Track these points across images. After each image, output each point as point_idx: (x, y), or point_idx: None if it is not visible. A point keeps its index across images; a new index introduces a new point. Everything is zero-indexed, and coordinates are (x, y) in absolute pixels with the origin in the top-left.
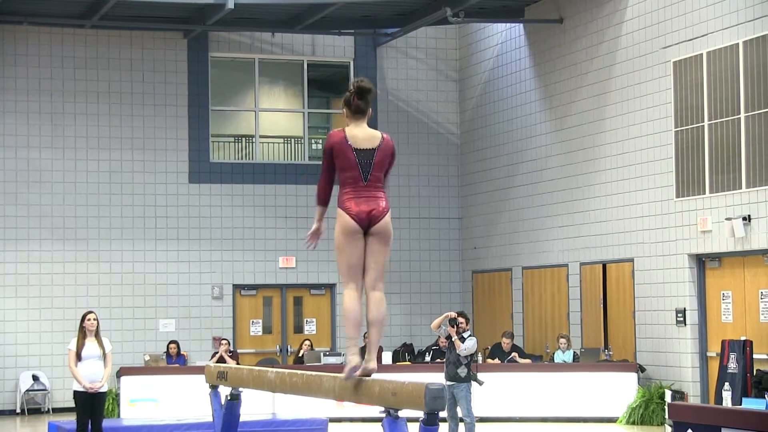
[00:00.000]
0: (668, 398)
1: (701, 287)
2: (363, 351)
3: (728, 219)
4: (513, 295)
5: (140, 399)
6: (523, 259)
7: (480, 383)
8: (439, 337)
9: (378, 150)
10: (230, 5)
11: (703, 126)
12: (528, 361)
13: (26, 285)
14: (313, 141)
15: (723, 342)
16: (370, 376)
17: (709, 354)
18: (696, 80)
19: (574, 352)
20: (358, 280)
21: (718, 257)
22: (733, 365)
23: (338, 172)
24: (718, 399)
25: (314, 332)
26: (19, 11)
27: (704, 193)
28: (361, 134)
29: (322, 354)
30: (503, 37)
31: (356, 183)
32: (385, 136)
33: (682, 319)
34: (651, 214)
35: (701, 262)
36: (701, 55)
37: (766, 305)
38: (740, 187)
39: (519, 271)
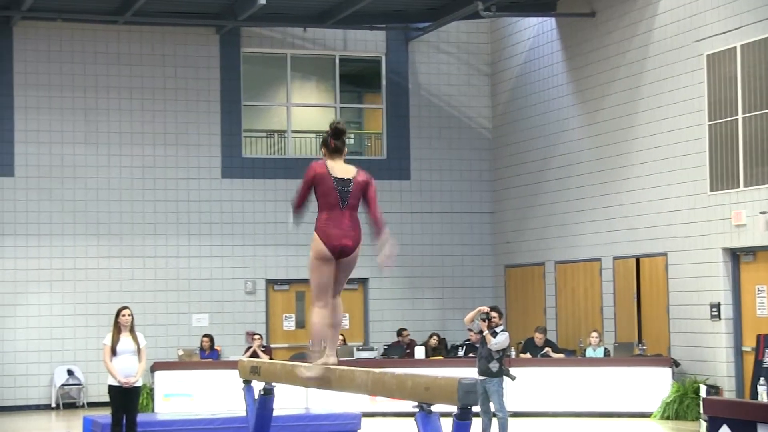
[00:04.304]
0: (703, 393)
1: (736, 281)
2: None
3: (762, 212)
4: (546, 290)
5: (174, 394)
6: (555, 253)
7: (512, 378)
8: (471, 331)
9: (354, 180)
10: (262, 1)
11: (737, 119)
12: (561, 355)
13: (61, 280)
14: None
15: (758, 336)
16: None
17: (744, 348)
18: (729, 73)
19: (605, 348)
20: (327, 297)
21: (752, 251)
22: None
23: (318, 198)
24: (754, 394)
25: (347, 327)
26: (54, 8)
27: (738, 187)
28: (339, 167)
29: (354, 348)
30: (535, 31)
31: (334, 209)
32: (359, 170)
33: (716, 313)
34: (684, 208)
35: (735, 256)
36: (735, 48)
37: None
38: None
39: (552, 266)
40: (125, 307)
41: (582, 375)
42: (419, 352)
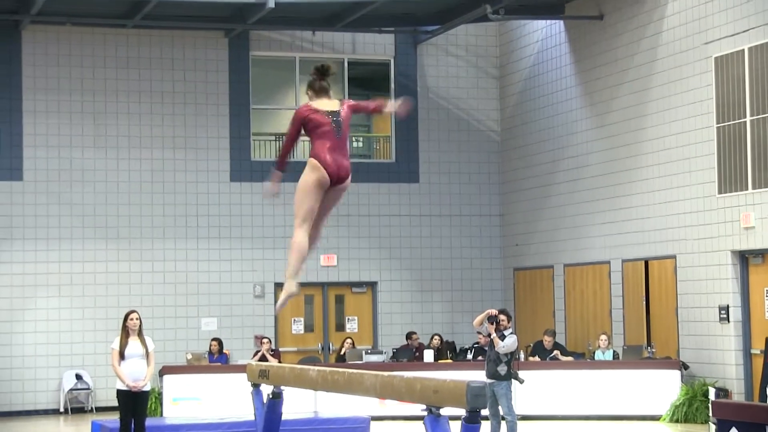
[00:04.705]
0: (712, 396)
1: (744, 284)
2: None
3: None
4: (555, 293)
5: (183, 398)
6: (564, 256)
7: (520, 381)
8: (480, 334)
9: (341, 111)
10: (271, 4)
11: (746, 122)
12: (570, 358)
13: (69, 284)
14: (354, 139)
15: (767, 339)
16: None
17: (753, 351)
18: (738, 76)
19: (614, 351)
20: (311, 222)
21: (761, 253)
22: None
23: (311, 132)
24: (763, 396)
25: (356, 330)
26: (62, 12)
27: (747, 189)
28: (325, 103)
29: (363, 352)
30: (543, 34)
31: (330, 138)
32: (341, 99)
33: (725, 316)
34: (693, 211)
35: (744, 258)
36: (743, 50)
37: None
38: None
39: (561, 268)
40: (133, 311)
41: (591, 378)
42: (428, 355)
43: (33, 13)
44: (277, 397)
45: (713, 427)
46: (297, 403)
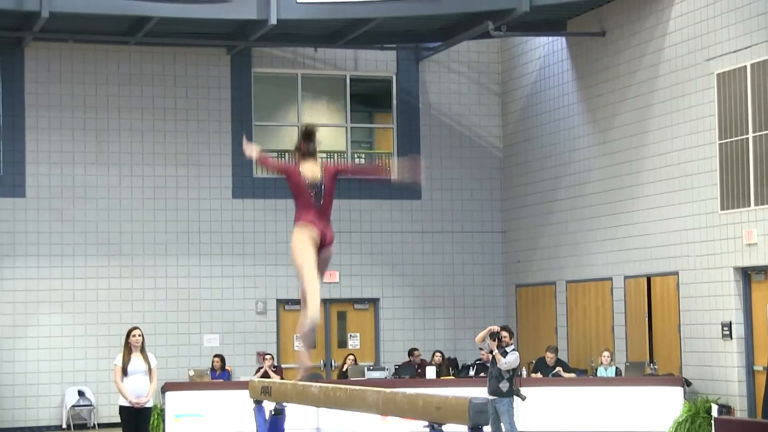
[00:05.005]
0: (715, 413)
1: (747, 300)
2: None
3: None
4: (557, 309)
5: (185, 414)
6: (567, 272)
7: (522, 398)
8: (482, 350)
9: (323, 178)
10: (273, 21)
11: (748, 138)
12: (572, 375)
13: (72, 301)
14: (355, 155)
15: None
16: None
17: (756, 368)
18: (740, 92)
19: (617, 368)
20: (317, 273)
21: (763, 270)
22: None
23: (294, 194)
24: (766, 413)
25: (358, 347)
26: (65, 29)
27: (749, 206)
28: (310, 169)
29: (366, 368)
30: (545, 51)
31: (310, 208)
32: (324, 162)
33: (728, 332)
34: (696, 227)
35: (747, 275)
36: (745, 66)
37: None
38: None
39: (563, 285)
40: (136, 328)
41: (593, 395)
42: (430, 372)
43: (36, 30)
44: (279, 414)
45: None
46: (299, 420)
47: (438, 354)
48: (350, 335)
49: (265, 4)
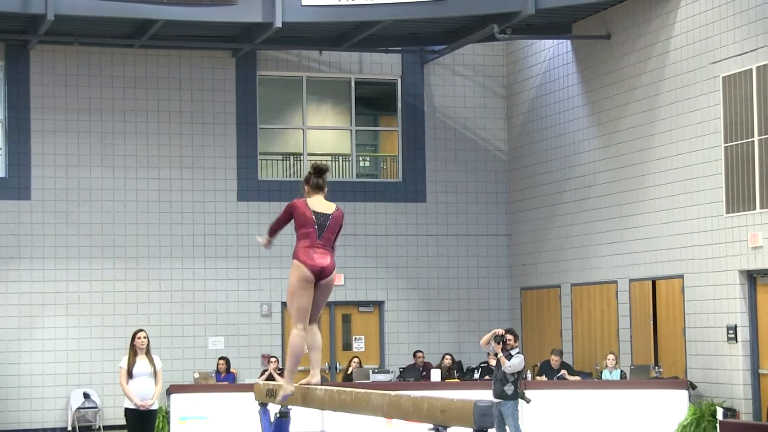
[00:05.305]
0: (720, 416)
1: (752, 304)
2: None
3: None
4: (562, 312)
5: (190, 417)
6: (571, 275)
7: (527, 401)
8: (488, 353)
9: (332, 216)
10: (278, 24)
11: (753, 141)
12: (577, 378)
13: (77, 303)
14: (360, 159)
15: None
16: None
17: (761, 371)
18: (745, 95)
19: (622, 371)
20: (305, 320)
21: None
22: None
23: (297, 229)
24: None
25: (363, 349)
26: (70, 32)
27: (755, 209)
28: (319, 203)
29: (370, 371)
30: (550, 54)
31: (312, 239)
32: (338, 207)
33: (733, 335)
34: (701, 230)
35: (752, 278)
36: (750, 69)
37: None
38: None
39: (568, 288)
40: (141, 330)
41: (598, 398)
42: (435, 375)
43: (41, 33)
44: (284, 416)
45: None
46: (304, 423)
47: (448, 357)
48: (355, 338)
49: (271, 7)
